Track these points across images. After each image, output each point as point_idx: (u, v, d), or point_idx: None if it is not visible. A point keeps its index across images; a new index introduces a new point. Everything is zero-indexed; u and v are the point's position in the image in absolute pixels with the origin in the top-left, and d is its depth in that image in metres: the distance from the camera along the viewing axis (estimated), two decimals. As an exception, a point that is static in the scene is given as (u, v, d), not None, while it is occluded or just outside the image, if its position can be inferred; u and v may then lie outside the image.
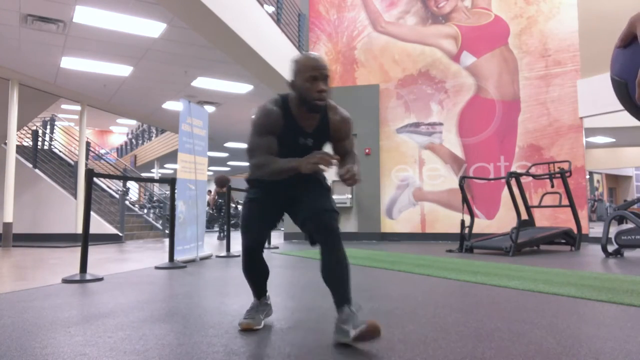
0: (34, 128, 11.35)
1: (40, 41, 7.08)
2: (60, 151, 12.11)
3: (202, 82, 9.25)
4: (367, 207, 9.17)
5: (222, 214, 10.10)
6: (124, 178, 4.88)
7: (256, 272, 2.21)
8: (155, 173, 20.43)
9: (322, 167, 1.81)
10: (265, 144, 1.94)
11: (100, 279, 3.86)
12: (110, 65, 8.17)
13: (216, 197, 10.49)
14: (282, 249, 7.19)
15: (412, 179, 9.11)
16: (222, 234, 9.91)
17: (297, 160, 1.85)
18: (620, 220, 6.04)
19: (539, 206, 7.39)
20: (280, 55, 8.16)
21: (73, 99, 10.10)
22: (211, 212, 10.69)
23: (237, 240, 9.50)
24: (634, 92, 0.86)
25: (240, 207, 12.86)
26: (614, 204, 24.04)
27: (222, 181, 8.82)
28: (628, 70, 0.88)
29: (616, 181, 27.10)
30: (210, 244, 8.38)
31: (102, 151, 20.29)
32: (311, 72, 1.88)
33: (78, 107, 10.52)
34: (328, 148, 2.13)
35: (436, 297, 3.04)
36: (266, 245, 7.45)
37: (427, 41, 9.30)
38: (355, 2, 9.72)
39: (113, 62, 8.04)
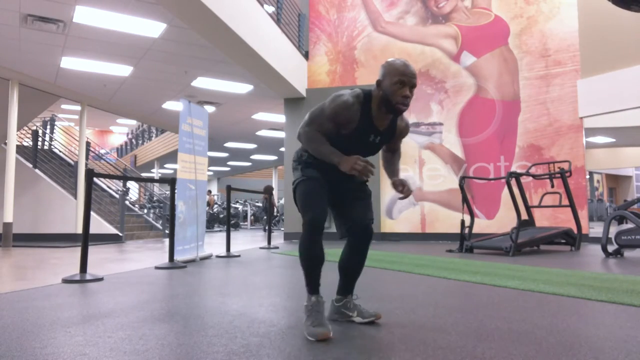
0: (34, 128, 11.34)
1: (40, 41, 7.08)
2: (60, 151, 12.10)
3: (202, 82, 9.25)
4: (367, 207, 9.15)
5: (272, 214, 13.22)
6: (124, 178, 4.90)
7: (318, 253, 2.11)
8: (155, 173, 20.43)
9: (361, 176, 1.89)
10: (326, 126, 2.03)
11: (100, 279, 3.86)
12: (110, 65, 8.17)
13: (264, 202, 14.00)
14: (282, 249, 7.18)
15: (412, 179, 9.11)
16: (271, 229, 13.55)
17: (340, 156, 1.95)
18: (620, 220, 6.04)
19: (539, 206, 7.39)
20: (280, 55, 8.15)
21: (73, 99, 10.10)
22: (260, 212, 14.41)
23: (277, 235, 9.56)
24: None
25: (277, 209, 16.16)
26: (614, 204, 24.03)
27: (268, 190, 10.53)
28: None
29: (616, 181, 27.11)
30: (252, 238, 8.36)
31: (102, 151, 20.29)
32: (400, 77, 1.95)
33: (78, 107, 10.52)
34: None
35: (436, 297, 3.04)
36: (266, 245, 7.49)
37: (427, 41, 9.30)
38: (355, 2, 9.71)
39: (113, 62, 8.04)
